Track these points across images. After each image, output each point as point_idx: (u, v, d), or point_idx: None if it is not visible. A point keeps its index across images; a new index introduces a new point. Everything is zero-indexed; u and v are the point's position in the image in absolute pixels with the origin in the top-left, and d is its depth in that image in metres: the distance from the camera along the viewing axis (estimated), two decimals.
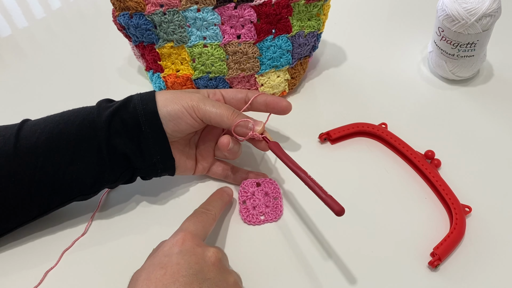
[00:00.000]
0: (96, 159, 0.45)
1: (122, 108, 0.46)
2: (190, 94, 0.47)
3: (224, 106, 0.47)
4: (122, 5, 0.54)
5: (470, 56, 0.58)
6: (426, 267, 0.45)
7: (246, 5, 0.53)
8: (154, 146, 0.46)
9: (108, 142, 0.45)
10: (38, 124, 0.47)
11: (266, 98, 0.50)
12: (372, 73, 0.64)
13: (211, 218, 0.45)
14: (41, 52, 0.73)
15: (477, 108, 0.59)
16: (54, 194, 0.46)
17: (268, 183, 0.51)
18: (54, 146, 0.45)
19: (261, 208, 0.50)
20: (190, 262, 0.39)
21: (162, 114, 0.45)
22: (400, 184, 0.52)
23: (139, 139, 0.45)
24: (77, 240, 0.49)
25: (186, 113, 0.46)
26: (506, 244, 0.46)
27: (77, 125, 0.46)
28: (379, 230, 0.48)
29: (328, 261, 0.46)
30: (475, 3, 0.54)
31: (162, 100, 0.46)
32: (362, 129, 0.56)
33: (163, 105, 0.45)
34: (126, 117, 0.45)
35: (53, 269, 0.47)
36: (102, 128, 0.45)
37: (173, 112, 0.45)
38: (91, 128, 0.45)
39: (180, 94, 0.47)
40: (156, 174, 0.48)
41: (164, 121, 0.45)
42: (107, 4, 0.57)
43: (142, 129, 0.45)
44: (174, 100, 0.46)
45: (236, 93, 0.51)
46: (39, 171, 0.44)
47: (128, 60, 0.69)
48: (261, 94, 0.50)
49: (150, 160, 0.47)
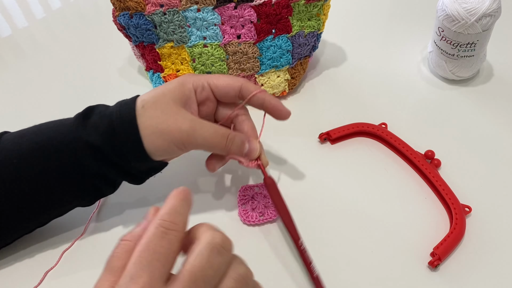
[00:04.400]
0: (92, 188, 0.44)
1: (106, 145, 0.42)
2: (178, 122, 0.41)
3: (216, 135, 0.42)
4: (122, 5, 0.54)
5: (470, 56, 0.58)
6: (426, 267, 0.45)
7: (246, 5, 0.54)
8: (148, 171, 0.45)
9: (96, 174, 0.43)
10: (16, 151, 0.43)
11: (265, 98, 0.46)
12: (372, 73, 0.64)
13: (175, 242, 0.29)
14: (41, 52, 0.73)
15: (477, 108, 0.59)
16: (51, 212, 0.46)
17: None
18: (39, 183, 0.42)
19: (260, 208, 0.50)
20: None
21: (150, 152, 0.42)
22: (400, 184, 0.52)
23: (129, 171, 0.44)
24: (77, 240, 0.49)
25: (176, 148, 0.42)
26: (506, 244, 0.46)
27: (59, 160, 0.42)
28: (379, 230, 0.48)
29: (327, 261, 0.46)
30: (475, 3, 0.54)
31: (148, 134, 0.41)
32: (362, 129, 0.56)
33: (150, 142, 0.41)
34: (112, 158, 0.42)
35: (53, 269, 0.47)
36: (89, 165, 0.42)
37: (162, 148, 0.42)
38: (75, 163, 0.42)
39: (165, 123, 0.41)
40: None
41: (153, 156, 0.43)
42: (107, 4, 0.57)
43: (132, 164, 0.43)
44: (161, 136, 0.41)
45: (228, 88, 0.45)
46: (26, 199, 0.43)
47: (128, 60, 0.69)
48: (259, 92, 0.46)
49: (145, 178, 0.47)
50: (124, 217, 0.51)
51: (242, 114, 0.47)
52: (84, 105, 0.56)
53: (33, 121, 0.61)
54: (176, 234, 0.30)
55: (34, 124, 0.46)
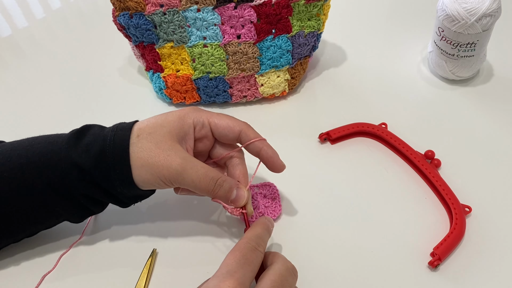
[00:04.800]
0: (72, 206, 0.44)
1: (94, 168, 0.41)
2: (168, 159, 0.41)
3: (205, 178, 0.41)
4: (122, 5, 0.54)
5: (470, 56, 0.58)
6: (426, 267, 0.45)
7: (246, 5, 0.53)
8: (134, 198, 0.45)
9: (83, 195, 0.43)
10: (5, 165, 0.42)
11: (262, 148, 0.45)
12: (372, 73, 0.64)
13: (260, 258, 0.38)
14: (41, 52, 0.73)
15: (477, 108, 0.59)
16: (39, 226, 0.46)
17: (267, 186, 0.51)
18: (28, 198, 0.42)
19: (260, 209, 0.50)
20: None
21: (138, 184, 0.42)
22: (400, 184, 0.52)
23: (115, 195, 0.43)
24: (74, 244, 0.49)
25: (163, 183, 0.42)
26: (506, 244, 0.46)
27: (47, 177, 0.42)
28: (379, 230, 0.48)
29: (327, 261, 0.46)
30: (475, 3, 0.54)
31: (138, 166, 0.41)
32: (362, 129, 0.56)
33: (138, 174, 0.41)
34: (100, 182, 0.42)
35: (50, 273, 0.47)
36: (76, 186, 0.42)
37: (149, 184, 0.42)
38: (62, 182, 0.42)
39: (156, 158, 0.40)
40: None
41: (139, 186, 0.42)
42: (107, 4, 0.57)
43: (118, 190, 0.42)
44: (150, 171, 0.41)
45: (228, 131, 0.44)
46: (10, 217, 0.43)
47: (128, 60, 0.69)
48: (258, 140, 0.45)
49: (131, 203, 0.46)
50: (122, 221, 0.51)
51: (236, 157, 0.46)
52: (84, 105, 0.56)
53: (33, 121, 0.62)
54: (259, 255, 0.38)
55: (34, 124, 0.45)
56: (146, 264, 0.46)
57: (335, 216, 0.49)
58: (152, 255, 0.47)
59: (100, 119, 0.48)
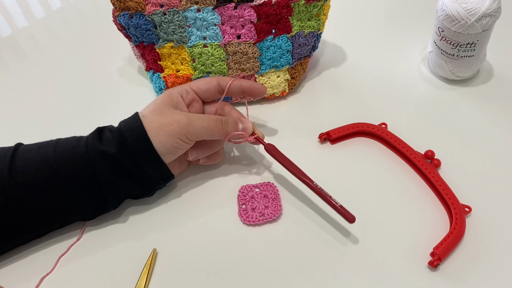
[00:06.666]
0: (94, 197, 0.47)
1: (120, 154, 0.46)
2: (175, 117, 0.47)
3: (211, 120, 0.48)
4: (122, 5, 0.54)
5: (470, 56, 0.58)
6: (426, 267, 0.45)
7: (246, 5, 0.54)
8: (157, 179, 0.48)
9: (108, 184, 0.46)
10: (31, 159, 0.46)
11: (241, 84, 0.52)
12: (372, 73, 0.64)
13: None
14: (41, 52, 0.73)
15: (477, 108, 0.59)
16: (53, 224, 0.48)
17: (267, 186, 0.51)
18: (49, 185, 0.45)
19: (260, 209, 0.50)
20: None
21: (160, 151, 0.46)
22: (400, 184, 0.52)
23: (140, 180, 0.47)
24: (72, 245, 0.49)
25: (181, 142, 0.47)
26: (506, 244, 0.46)
27: (74, 170, 0.46)
28: (379, 230, 0.48)
29: (327, 261, 0.46)
30: (475, 3, 0.54)
31: (154, 135, 0.46)
32: (362, 129, 0.56)
33: (157, 141, 0.46)
34: (126, 164, 0.46)
35: (49, 275, 0.47)
36: (102, 174, 0.46)
37: (169, 146, 0.46)
38: (88, 173, 0.46)
39: (165, 120, 0.47)
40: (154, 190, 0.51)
41: (162, 157, 0.47)
42: (107, 4, 0.57)
43: (144, 169, 0.47)
44: (165, 133, 0.46)
45: (208, 85, 0.52)
46: (35, 208, 0.45)
47: (128, 60, 0.69)
48: (234, 80, 0.52)
49: (154, 189, 0.50)
50: (121, 221, 0.51)
51: (226, 106, 0.53)
52: (84, 105, 0.56)
53: (33, 121, 0.62)
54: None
55: (34, 124, 0.45)
56: (146, 264, 0.46)
57: (335, 216, 0.49)
58: (152, 255, 0.47)
59: (100, 119, 0.48)
